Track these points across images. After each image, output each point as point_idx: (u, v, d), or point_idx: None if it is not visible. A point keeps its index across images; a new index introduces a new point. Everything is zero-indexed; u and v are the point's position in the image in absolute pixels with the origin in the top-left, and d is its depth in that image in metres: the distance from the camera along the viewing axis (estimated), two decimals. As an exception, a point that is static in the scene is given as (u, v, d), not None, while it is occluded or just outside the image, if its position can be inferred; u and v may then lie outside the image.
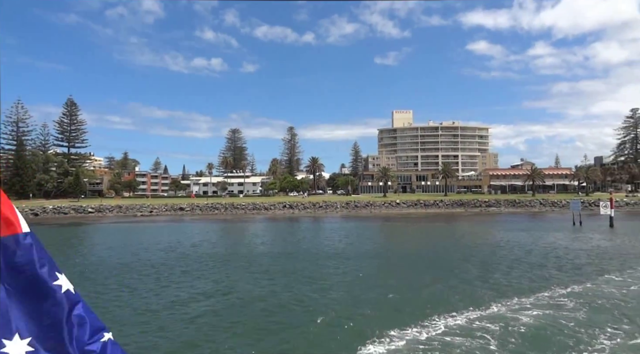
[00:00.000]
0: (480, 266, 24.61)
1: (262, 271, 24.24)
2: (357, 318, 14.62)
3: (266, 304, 16.85)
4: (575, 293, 17.55)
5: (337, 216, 77.09)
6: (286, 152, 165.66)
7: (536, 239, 37.14)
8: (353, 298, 17.76)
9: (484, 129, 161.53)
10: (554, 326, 13.38)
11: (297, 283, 20.77)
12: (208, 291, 19.36)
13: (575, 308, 15.41)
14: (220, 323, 14.45)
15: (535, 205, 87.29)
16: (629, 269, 22.74)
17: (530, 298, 16.88)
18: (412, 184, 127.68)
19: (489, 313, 14.84)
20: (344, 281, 21.31)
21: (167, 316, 15.33)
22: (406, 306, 16.01)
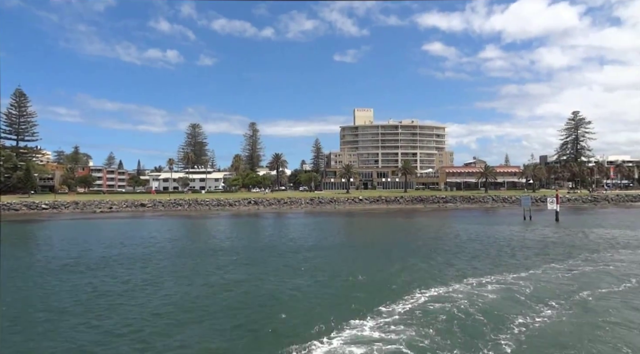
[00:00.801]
0: (443, 254, 27.04)
1: (244, 263, 25.16)
2: (330, 300, 16.09)
3: (239, 293, 17.94)
4: (526, 276, 20.46)
5: (302, 212, 78.34)
6: (247, 148, 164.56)
7: (493, 232, 40.34)
8: (329, 283, 19.24)
9: (440, 128, 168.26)
10: (509, 299, 16.41)
11: (286, 274, 21.95)
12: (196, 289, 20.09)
13: (525, 285, 18.39)
14: (189, 315, 15.43)
15: (488, 201, 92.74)
16: (572, 257, 26.14)
17: (488, 278, 19.77)
18: (373, 181, 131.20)
19: (453, 289, 17.72)
20: (320, 269, 22.73)
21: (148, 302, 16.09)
22: (378, 287, 17.83)
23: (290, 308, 15.68)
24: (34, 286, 19.71)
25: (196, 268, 23.80)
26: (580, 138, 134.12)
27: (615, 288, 18.23)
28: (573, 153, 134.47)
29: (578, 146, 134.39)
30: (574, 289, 17.91)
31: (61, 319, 14.71)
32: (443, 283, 18.90)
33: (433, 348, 11.68)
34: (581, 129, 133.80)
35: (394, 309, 15.01)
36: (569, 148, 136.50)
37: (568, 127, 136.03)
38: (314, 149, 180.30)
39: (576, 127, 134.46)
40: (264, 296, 17.56)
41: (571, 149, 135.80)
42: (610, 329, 13.08)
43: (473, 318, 14.20)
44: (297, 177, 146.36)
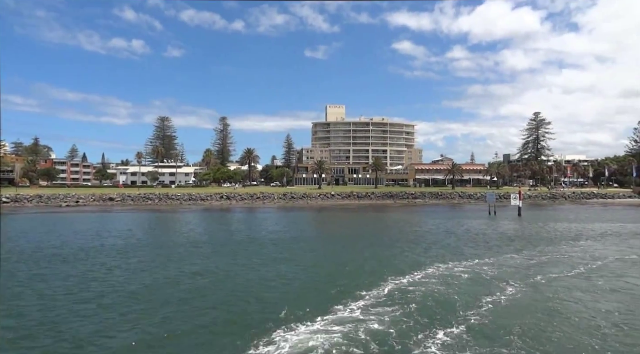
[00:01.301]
0: (415, 245, 28.69)
1: (228, 254, 25.78)
2: (308, 288, 17.17)
3: (231, 280, 18.74)
4: (490, 263, 22.68)
5: (275, 207, 78.92)
6: (218, 143, 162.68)
7: (460, 226, 42.61)
8: (310, 271, 20.29)
9: (410, 125, 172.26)
10: (476, 281, 18.41)
11: (269, 264, 22.79)
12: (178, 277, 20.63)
13: (490, 270, 20.58)
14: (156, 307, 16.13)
15: (455, 197, 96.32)
16: (531, 247, 28.53)
17: (458, 265, 21.76)
18: (345, 177, 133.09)
19: (426, 274, 19.39)
20: (300, 260, 23.73)
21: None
22: (357, 275, 19.00)
23: (278, 294, 16.60)
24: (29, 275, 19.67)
25: (181, 258, 24.23)
26: (540, 138, 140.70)
27: (566, 273, 20.53)
28: (534, 152, 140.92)
29: (539, 145, 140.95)
30: (531, 273, 20.20)
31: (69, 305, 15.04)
32: (417, 270, 20.54)
33: (412, 323, 13.00)
34: (541, 129, 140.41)
35: (372, 293, 16.34)
36: (530, 147, 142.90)
37: (529, 128, 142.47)
38: (285, 144, 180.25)
39: (537, 128, 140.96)
40: (253, 283, 18.38)
41: (532, 148, 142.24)
42: (559, 304, 15.20)
43: (445, 297, 15.87)
44: (269, 172, 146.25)
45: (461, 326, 12.74)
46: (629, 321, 13.43)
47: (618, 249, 28.33)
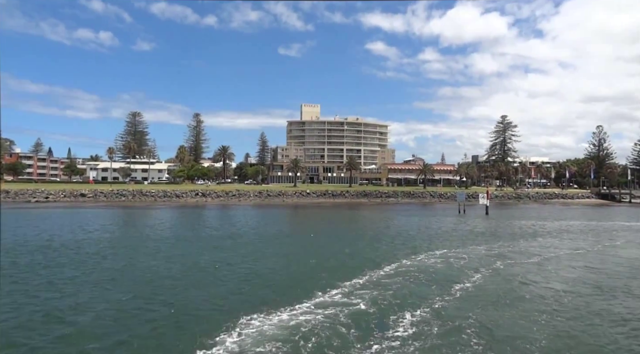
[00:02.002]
0: (390, 240, 30.33)
1: (215, 247, 26.68)
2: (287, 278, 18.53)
3: (224, 270, 19.85)
4: (460, 254, 24.91)
5: (251, 205, 79.54)
6: (191, 139, 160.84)
7: (433, 223, 44.89)
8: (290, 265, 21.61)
9: (384, 126, 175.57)
10: (448, 270, 20.50)
11: (255, 257, 23.89)
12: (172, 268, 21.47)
13: (460, 260, 22.81)
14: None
15: (426, 196, 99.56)
16: (497, 241, 31.04)
17: (431, 256, 23.50)
18: (320, 175, 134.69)
19: (402, 265, 21.05)
20: (284, 253, 24.98)
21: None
22: (337, 266, 20.46)
23: (267, 282, 17.82)
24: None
25: (180, 251, 25.00)
26: (507, 140, 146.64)
27: (525, 260, 23.48)
28: (501, 154, 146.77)
29: (505, 147, 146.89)
30: (493, 262, 22.81)
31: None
32: (393, 261, 22.35)
33: (390, 304, 14.58)
34: (508, 132, 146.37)
35: (353, 281, 17.86)
36: (497, 149, 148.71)
37: (497, 130, 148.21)
38: (259, 142, 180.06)
39: (504, 130, 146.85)
40: (246, 273, 19.51)
41: (499, 150, 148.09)
42: (517, 287, 17.50)
43: (420, 283, 17.77)
44: (243, 170, 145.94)
45: (429, 307, 14.40)
46: (572, 299, 15.63)
47: (570, 243, 31.29)
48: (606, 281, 19.08)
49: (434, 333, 12.12)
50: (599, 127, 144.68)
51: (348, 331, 12.19)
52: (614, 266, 22.45)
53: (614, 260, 24.43)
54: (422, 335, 11.94)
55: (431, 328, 12.45)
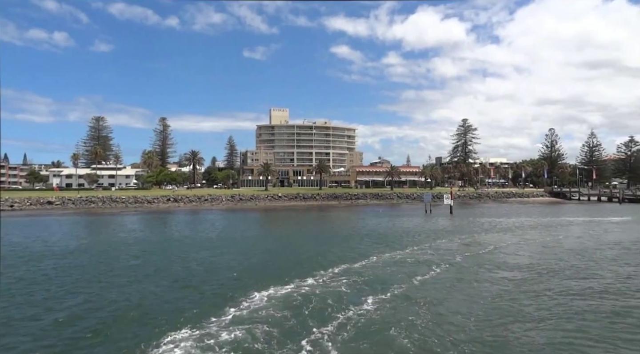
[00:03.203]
0: (363, 239, 33.10)
1: (208, 247, 28.42)
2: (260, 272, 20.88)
3: (210, 264, 21.85)
4: (427, 249, 27.98)
5: (224, 209, 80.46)
6: (158, 144, 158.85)
7: (402, 222, 48.19)
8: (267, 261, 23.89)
9: (351, 129, 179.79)
10: (414, 263, 23.46)
11: (242, 256, 25.89)
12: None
13: (426, 254, 25.93)
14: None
15: (394, 198, 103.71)
16: (460, 236, 34.58)
17: (400, 251, 26.27)
18: (290, 179, 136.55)
19: (371, 260, 23.79)
20: (265, 251, 27.16)
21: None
22: (316, 260, 22.88)
23: (247, 273, 20.00)
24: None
25: (167, 251, 26.58)
26: (468, 142, 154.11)
27: (482, 251, 27.32)
28: (462, 155, 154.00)
29: (466, 149, 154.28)
30: (454, 255, 26.08)
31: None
32: (366, 256, 25.29)
33: (358, 289, 17.36)
34: (469, 134, 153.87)
35: (330, 271, 20.85)
36: (459, 151, 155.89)
37: (458, 133, 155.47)
38: (227, 146, 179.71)
39: (465, 133, 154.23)
40: (226, 268, 21.58)
41: (461, 152, 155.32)
42: (474, 273, 20.61)
43: (389, 271, 20.81)
44: (212, 174, 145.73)
45: (391, 293, 17.19)
46: (515, 283, 18.79)
47: (521, 236, 35.49)
48: (544, 266, 22.77)
49: (389, 313, 14.79)
50: (551, 129, 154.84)
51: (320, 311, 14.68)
52: (553, 255, 26.26)
53: (555, 250, 28.37)
54: (377, 315, 14.59)
55: (387, 310, 15.14)
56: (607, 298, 16.47)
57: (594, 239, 33.83)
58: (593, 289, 17.82)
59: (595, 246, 30.17)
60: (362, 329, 13.15)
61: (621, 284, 18.81)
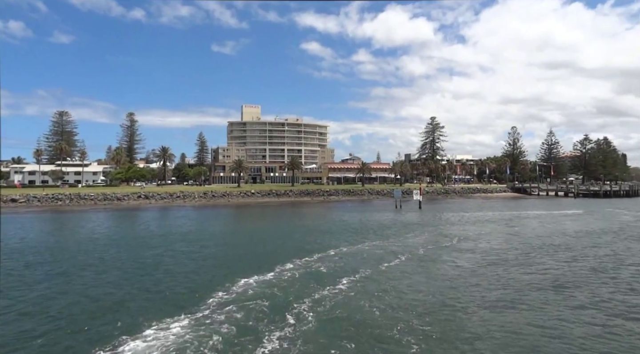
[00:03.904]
0: (337, 232, 34.75)
1: (190, 240, 29.25)
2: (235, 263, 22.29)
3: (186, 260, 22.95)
4: (395, 240, 30.07)
5: (197, 206, 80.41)
6: (125, 140, 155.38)
7: (374, 217, 50.27)
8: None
9: (323, 127, 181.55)
10: (379, 250, 25.66)
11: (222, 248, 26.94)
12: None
13: (394, 245, 28.10)
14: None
15: (365, 194, 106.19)
16: (428, 229, 37.02)
17: (372, 242, 28.11)
18: (262, 175, 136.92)
19: (342, 250, 25.87)
20: (247, 243, 28.38)
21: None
22: (294, 250, 24.38)
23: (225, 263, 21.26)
24: None
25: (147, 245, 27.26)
26: (436, 140, 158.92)
27: (446, 243, 29.52)
28: (431, 152, 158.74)
29: (434, 146, 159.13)
30: (419, 245, 28.49)
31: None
32: (339, 247, 27.11)
33: (333, 273, 19.23)
34: (437, 132, 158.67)
35: (307, 259, 22.68)
36: (427, 148, 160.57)
37: (427, 131, 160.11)
38: (198, 142, 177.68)
39: (433, 131, 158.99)
40: (217, 259, 22.71)
41: (429, 149, 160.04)
42: (435, 260, 22.72)
43: (360, 258, 23.06)
44: (182, 171, 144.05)
45: (360, 276, 19.34)
46: (470, 268, 20.97)
47: (482, 228, 38.27)
48: (498, 253, 25.33)
49: (358, 292, 16.51)
50: (513, 128, 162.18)
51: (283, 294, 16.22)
52: (507, 243, 28.92)
53: (509, 239, 31.15)
54: (339, 298, 16.30)
55: (353, 292, 16.87)
56: (549, 280, 19.12)
57: (547, 230, 37.21)
58: (538, 273, 20.51)
59: (547, 235, 33.52)
60: (336, 303, 15.50)
61: (560, 267, 21.68)
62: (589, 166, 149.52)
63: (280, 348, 11.69)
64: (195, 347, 11.70)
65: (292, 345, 11.87)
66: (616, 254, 25.30)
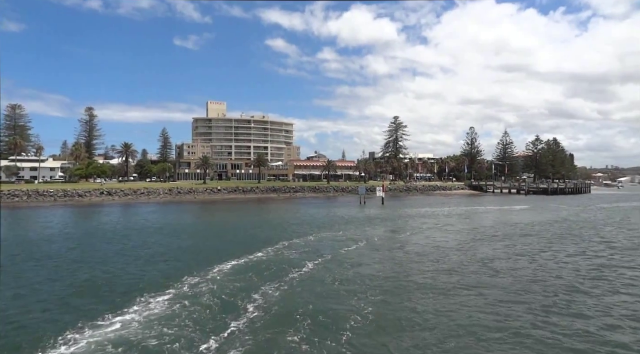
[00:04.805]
0: (306, 225, 36.63)
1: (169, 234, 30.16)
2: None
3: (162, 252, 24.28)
4: (360, 232, 32.34)
5: (162, 202, 79.92)
6: (84, 135, 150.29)
7: (339, 212, 52.60)
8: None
9: (289, 124, 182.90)
10: (341, 239, 27.97)
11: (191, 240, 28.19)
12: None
13: (357, 236, 30.05)
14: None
15: (330, 190, 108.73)
16: (390, 222, 40.07)
17: (336, 232, 30.03)
18: (228, 172, 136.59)
19: (307, 239, 27.21)
20: (214, 237, 29.79)
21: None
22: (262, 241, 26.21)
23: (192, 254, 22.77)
24: None
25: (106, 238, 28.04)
26: (399, 139, 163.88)
27: (401, 232, 32.93)
28: (394, 151, 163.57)
29: (397, 145, 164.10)
30: (378, 235, 31.44)
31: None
32: (306, 236, 29.47)
33: (300, 258, 21.34)
34: (400, 131, 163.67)
35: (275, 247, 24.85)
36: (390, 147, 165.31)
37: (390, 130, 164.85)
38: (161, 138, 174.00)
39: (396, 130, 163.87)
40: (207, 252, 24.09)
41: (392, 147, 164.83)
42: (388, 247, 25.55)
43: (324, 245, 25.66)
44: (145, 167, 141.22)
45: (323, 259, 21.87)
46: (417, 254, 23.61)
47: (436, 221, 41.65)
48: (444, 242, 28.28)
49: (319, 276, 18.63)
50: (471, 128, 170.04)
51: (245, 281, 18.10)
52: (455, 232, 31.91)
53: (457, 230, 34.30)
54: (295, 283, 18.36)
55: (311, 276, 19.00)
56: (478, 260, 22.41)
57: (491, 222, 41.11)
58: (471, 255, 23.82)
59: (490, 226, 37.41)
60: (302, 282, 17.85)
61: (490, 252, 25.12)
62: (540, 165, 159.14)
63: (248, 320, 13.38)
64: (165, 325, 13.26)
65: (262, 313, 13.82)
66: (540, 242, 28.94)
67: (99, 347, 11.42)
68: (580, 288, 17.13)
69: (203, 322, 13.06)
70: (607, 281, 18.33)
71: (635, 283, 17.91)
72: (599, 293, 16.45)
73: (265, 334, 12.13)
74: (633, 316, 13.71)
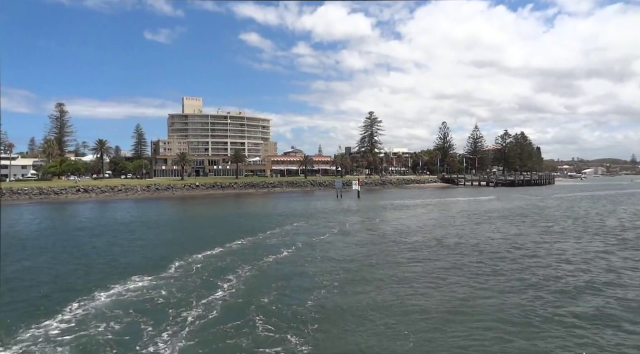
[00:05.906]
0: (284, 217, 38.77)
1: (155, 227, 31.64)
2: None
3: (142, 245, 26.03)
4: (331, 221, 34.83)
5: (141, 198, 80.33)
6: (54, 131, 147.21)
7: (317, 206, 54.93)
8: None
9: (266, 120, 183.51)
10: (316, 228, 30.05)
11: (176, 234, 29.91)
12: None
13: (328, 224, 32.67)
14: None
15: (308, 185, 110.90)
16: (365, 214, 42.45)
17: (311, 222, 32.17)
18: (205, 168, 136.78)
19: (285, 229, 29.74)
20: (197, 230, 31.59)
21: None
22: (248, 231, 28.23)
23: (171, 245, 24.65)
24: None
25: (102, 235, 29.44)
26: (374, 134, 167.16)
27: (372, 222, 35.43)
28: (369, 146, 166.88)
29: (373, 140, 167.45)
30: (350, 224, 34.04)
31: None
32: (284, 226, 31.56)
33: (278, 245, 23.48)
34: (375, 126, 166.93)
35: (254, 237, 26.70)
36: (366, 142, 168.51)
37: (366, 125, 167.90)
38: (135, 134, 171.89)
39: (372, 125, 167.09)
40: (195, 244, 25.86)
41: (368, 142, 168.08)
42: (359, 235, 27.89)
43: (300, 233, 27.38)
44: (119, 164, 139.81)
45: (300, 246, 24.16)
46: (385, 239, 26.03)
47: (407, 212, 44.50)
48: (411, 229, 30.92)
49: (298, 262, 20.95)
50: (444, 123, 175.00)
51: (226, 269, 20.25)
52: (420, 222, 34.68)
53: (424, 219, 37.13)
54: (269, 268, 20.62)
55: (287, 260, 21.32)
56: (435, 241, 25.14)
57: (458, 211, 44.46)
58: (431, 237, 26.61)
59: (454, 214, 40.79)
60: (279, 266, 20.10)
61: (448, 234, 27.99)
62: (508, 158, 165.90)
63: (222, 298, 15.10)
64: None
65: (237, 290, 16.05)
66: (491, 225, 32.04)
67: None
68: (507, 256, 21.92)
69: (162, 312, 13.83)
70: (526, 250, 23.48)
71: (545, 254, 21.18)
72: (513, 257, 21.49)
73: (239, 306, 14.29)
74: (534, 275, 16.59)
